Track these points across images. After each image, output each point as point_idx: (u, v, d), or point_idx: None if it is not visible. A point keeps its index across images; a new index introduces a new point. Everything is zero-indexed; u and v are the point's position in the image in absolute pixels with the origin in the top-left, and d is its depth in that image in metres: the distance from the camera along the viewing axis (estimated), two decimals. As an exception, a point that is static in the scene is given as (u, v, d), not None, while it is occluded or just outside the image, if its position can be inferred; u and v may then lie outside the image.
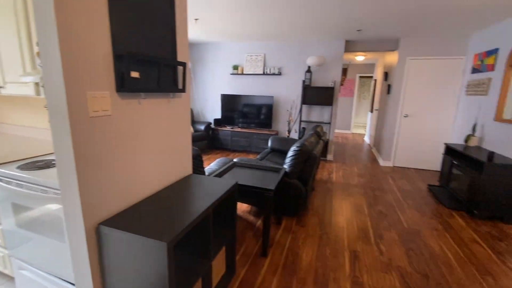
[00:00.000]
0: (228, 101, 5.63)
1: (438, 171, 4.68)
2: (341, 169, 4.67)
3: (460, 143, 3.86)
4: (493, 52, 3.54)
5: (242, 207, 2.96)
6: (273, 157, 3.60)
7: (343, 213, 2.91)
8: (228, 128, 5.60)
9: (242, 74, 5.58)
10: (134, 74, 1.14)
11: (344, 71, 8.98)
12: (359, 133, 9.20)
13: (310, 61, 4.75)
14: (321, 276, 1.90)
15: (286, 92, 5.40)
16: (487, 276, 1.95)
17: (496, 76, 3.41)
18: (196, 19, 3.87)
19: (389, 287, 1.80)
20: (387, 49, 4.83)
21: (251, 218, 2.73)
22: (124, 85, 1.10)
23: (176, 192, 1.38)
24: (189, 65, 5.38)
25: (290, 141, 3.93)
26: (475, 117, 3.82)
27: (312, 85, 5.17)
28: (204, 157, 5.08)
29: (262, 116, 5.44)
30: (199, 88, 6.08)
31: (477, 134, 3.68)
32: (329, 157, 5.28)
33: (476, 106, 3.83)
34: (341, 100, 9.22)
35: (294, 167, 2.56)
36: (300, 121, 5.24)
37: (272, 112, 5.38)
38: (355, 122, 10.55)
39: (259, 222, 2.65)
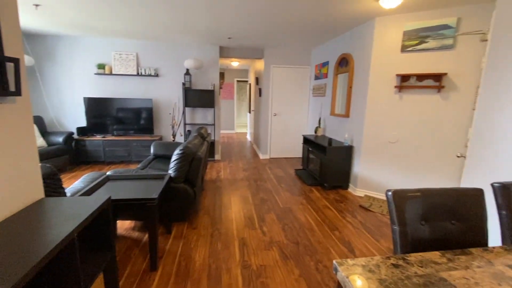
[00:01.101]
0: (96, 106, 4.81)
1: (301, 157, 5.82)
2: (228, 166, 4.97)
3: (312, 134, 4.94)
4: (326, 64, 4.72)
5: (124, 225, 2.65)
6: (158, 164, 3.40)
7: (231, 207, 3.13)
8: (98, 137, 4.79)
9: (111, 74, 4.90)
10: None
11: (222, 75, 9.52)
12: (242, 132, 10.03)
13: (188, 63, 4.76)
14: (214, 271, 1.98)
15: (167, 95, 5.19)
16: (335, 230, 2.62)
17: (329, 82, 4.57)
18: (36, 5, 3.08)
19: (272, 261, 2.11)
20: (256, 57, 5.51)
21: (136, 234, 2.49)
22: None
23: (21, 224, 1.09)
24: (25, 61, 4.19)
25: (175, 146, 3.82)
26: (319, 113, 4.99)
27: (193, 87, 5.21)
28: (67, 175, 4.15)
29: (142, 121, 4.99)
30: (51, 91, 4.87)
31: (322, 126, 4.82)
32: (217, 157, 5.50)
33: (319, 104, 5.00)
34: (223, 103, 9.72)
35: (179, 171, 2.52)
36: (185, 124, 5.18)
37: (153, 116, 5.03)
38: (238, 122, 11.41)
39: (146, 237, 2.45)
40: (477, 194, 1.12)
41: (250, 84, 8.27)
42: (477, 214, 1.12)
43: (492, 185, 1.24)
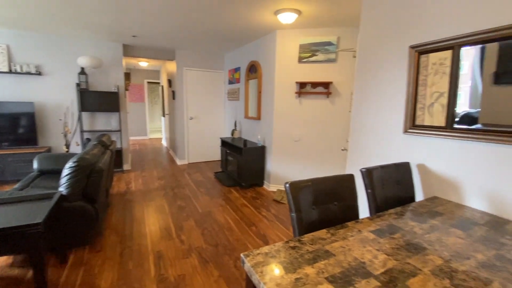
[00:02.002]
0: None
1: (220, 160, 5.89)
2: (141, 176, 4.55)
3: (229, 136, 5.08)
4: (238, 69, 4.94)
5: (-5, 263, 2.07)
6: (44, 182, 2.80)
7: (145, 220, 2.88)
8: None
9: (-35, 70, 3.74)
10: None
11: (128, 76, 8.63)
12: (156, 138, 9.34)
13: (83, 61, 4.10)
14: (125, 293, 1.79)
15: (56, 97, 4.32)
16: (252, 226, 2.77)
17: (242, 86, 4.80)
18: None
19: (191, 268, 2.06)
20: (166, 58, 5.25)
21: (15, 272, 1.98)
22: None
23: None
24: None
25: (68, 158, 3.22)
26: (234, 116, 5.18)
27: (91, 89, 4.52)
28: None
29: (20, 130, 3.99)
30: None
31: (238, 128, 5.02)
32: (126, 167, 4.95)
33: (234, 108, 5.19)
34: (132, 106, 8.82)
35: (74, 187, 2.15)
36: (82, 131, 4.44)
37: (36, 123, 4.10)
38: (151, 127, 10.57)
39: (30, 272, 1.98)
40: (350, 178, 1.41)
41: (162, 86, 7.80)
42: (351, 194, 1.41)
43: (360, 170, 1.59)
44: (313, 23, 3.18)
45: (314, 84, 3.46)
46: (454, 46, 1.51)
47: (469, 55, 1.46)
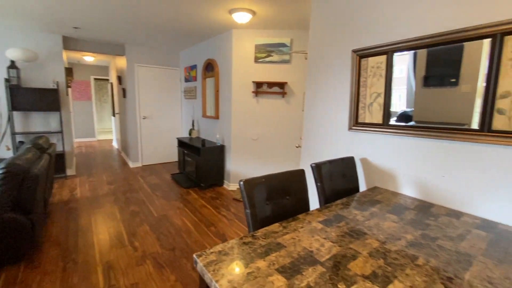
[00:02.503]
0: None
1: (177, 161, 5.68)
2: (87, 182, 4.16)
3: (187, 136, 4.93)
4: (194, 67, 4.81)
5: None
6: (-38, 193, 2.38)
7: (92, 229, 2.64)
8: None
9: None
10: None
11: (70, 71, 7.79)
12: (106, 139, 8.62)
13: (13, 54, 3.58)
14: (69, 310, 1.62)
15: (-25, 95, 3.70)
16: (211, 226, 2.74)
17: (199, 85, 4.69)
18: None
19: (145, 275, 1.96)
20: (115, 53, 4.88)
21: None
22: None
23: None
24: None
25: (-6, 164, 2.78)
26: (192, 115, 5.04)
27: (24, 85, 3.98)
28: None
29: None
30: None
31: (196, 128, 4.90)
32: (70, 172, 4.47)
33: (191, 107, 5.06)
34: (77, 105, 8.00)
35: (2, 197, 1.87)
36: (13, 133, 3.88)
37: (-51, 125, 3.45)
38: (100, 128, 9.73)
39: None
40: (301, 173, 1.49)
41: (111, 83, 7.22)
42: (302, 188, 1.49)
43: (311, 165, 1.68)
44: (267, 24, 3.26)
45: (270, 84, 3.55)
46: (388, 51, 1.69)
47: (405, 60, 1.64)
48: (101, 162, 5.45)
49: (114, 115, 7.19)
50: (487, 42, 1.30)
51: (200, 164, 3.79)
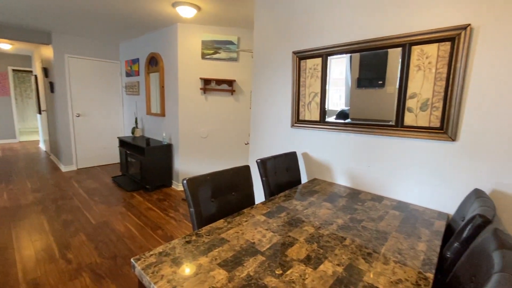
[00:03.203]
0: None
1: (119, 162, 5.25)
2: (6, 190, 3.55)
3: (130, 135, 4.59)
4: (136, 60, 4.49)
5: None
6: None
7: (13, 245, 2.28)
8: None
9: None
10: None
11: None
12: (31, 140, 7.45)
13: None
14: None
15: None
16: (158, 230, 2.62)
17: (142, 80, 4.40)
18: None
19: (81, 289, 1.78)
20: (39, 41, 4.24)
21: None
22: None
23: None
24: None
25: None
26: (135, 112, 4.70)
27: None
28: None
29: None
30: None
31: (139, 126, 4.59)
32: (-20, 180, 3.75)
33: (134, 103, 4.71)
34: (-12, 100, 6.71)
35: None
36: None
37: None
38: (23, 128, 8.37)
39: None
40: (246, 169, 1.53)
41: (36, 75, 6.25)
42: (247, 184, 1.53)
43: (256, 161, 1.74)
44: (214, 20, 3.23)
45: (219, 81, 3.53)
46: (323, 54, 1.85)
47: (343, 63, 1.79)
48: (25, 167, 4.70)
49: (40, 113, 6.24)
50: (399, 50, 1.52)
51: (145, 164, 3.57)
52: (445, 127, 1.39)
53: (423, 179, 1.53)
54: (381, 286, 0.84)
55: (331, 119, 1.88)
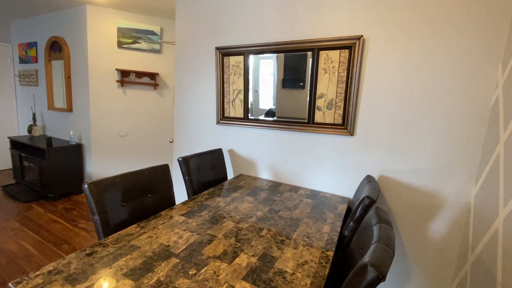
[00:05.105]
0: None
1: (11, 168, 4.27)
2: None
3: (25, 135, 3.78)
4: (34, 44, 3.70)
5: None
6: None
7: None
8: None
9: None
10: None
11: None
12: None
13: None
14: None
15: None
16: (64, 244, 2.24)
17: (41, 68, 3.66)
18: None
19: None
20: None
21: None
22: None
23: None
24: None
25: None
26: (32, 106, 3.89)
27: None
28: None
29: None
30: None
31: (38, 123, 3.82)
32: None
33: (31, 96, 3.89)
34: None
35: None
36: None
37: None
38: None
39: None
40: (164, 168, 1.44)
41: None
42: (166, 184, 1.45)
43: (178, 159, 1.66)
44: (132, 6, 2.92)
45: (139, 74, 3.23)
46: (244, 52, 1.89)
47: (270, 64, 1.84)
48: None
49: None
50: (310, 54, 1.68)
51: (46, 169, 2.99)
52: (345, 124, 1.61)
53: (330, 169, 1.74)
54: (289, 269, 0.91)
55: (261, 117, 1.94)
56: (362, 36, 1.50)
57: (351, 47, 1.54)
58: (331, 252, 1.03)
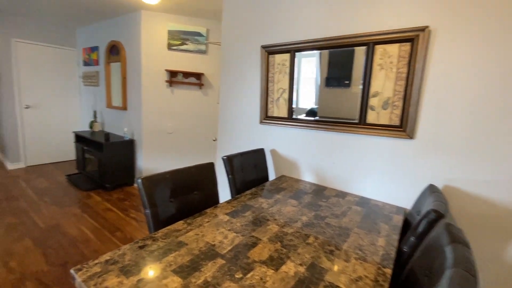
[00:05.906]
0: None
1: (75, 159, 4.82)
2: None
3: (87, 130, 4.22)
4: (96, 48, 4.12)
5: None
6: None
7: None
8: None
9: None
10: None
11: None
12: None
13: None
14: None
15: None
16: (117, 232, 2.43)
17: (101, 70, 4.05)
18: None
19: (22, 303, 1.57)
20: (-26, 20, 3.69)
21: None
22: None
23: None
24: None
25: None
26: (93, 105, 4.34)
27: None
28: None
29: None
30: None
31: (98, 120, 4.24)
32: None
33: (93, 95, 4.34)
34: None
35: None
36: None
37: None
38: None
39: None
40: (210, 166, 1.46)
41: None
42: (211, 181, 1.46)
43: (222, 158, 1.67)
44: (181, 10, 3.05)
45: (186, 74, 3.37)
46: (291, 50, 1.82)
47: (314, 63, 1.77)
48: (-42, 165, 4.10)
49: (-21, 103, 5.49)
50: (364, 49, 1.55)
51: (104, 161, 3.30)
52: (404, 126, 1.45)
53: (383, 175, 1.58)
54: (342, 285, 0.83)
55: (301, 117, 1.87)
56: (427, 27, 1.33)
57: (413, 39, 1.37)
58: (389, 270, 0.92)
